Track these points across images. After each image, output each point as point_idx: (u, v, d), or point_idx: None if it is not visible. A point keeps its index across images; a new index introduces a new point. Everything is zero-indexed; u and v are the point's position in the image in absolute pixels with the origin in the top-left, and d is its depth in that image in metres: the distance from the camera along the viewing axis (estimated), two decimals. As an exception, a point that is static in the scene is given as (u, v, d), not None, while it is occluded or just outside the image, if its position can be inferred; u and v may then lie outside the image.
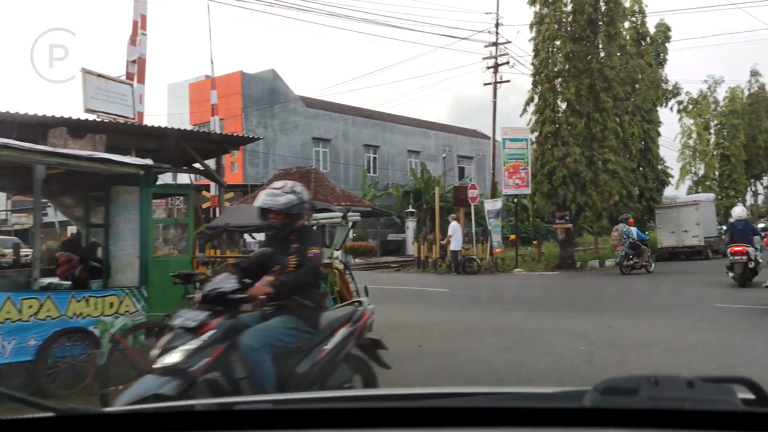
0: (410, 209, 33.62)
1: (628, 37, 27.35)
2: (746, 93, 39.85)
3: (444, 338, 8.68)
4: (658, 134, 27.90)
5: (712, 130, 34.92)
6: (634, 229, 19.16)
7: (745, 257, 12.78)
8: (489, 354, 7.56)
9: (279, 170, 32.17)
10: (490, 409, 1.19)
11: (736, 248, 12.97)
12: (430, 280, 18.49)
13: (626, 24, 26.84)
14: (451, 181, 38.48)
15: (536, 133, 22.01)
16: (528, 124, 22.36)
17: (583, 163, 21.07)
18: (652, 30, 28.87)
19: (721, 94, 35.46)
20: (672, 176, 28.46)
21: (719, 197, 33.77)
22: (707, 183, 34.10)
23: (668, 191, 30.34)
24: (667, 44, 29.22)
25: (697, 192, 32.03)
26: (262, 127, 34.40)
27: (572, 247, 22.80)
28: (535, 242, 27.01)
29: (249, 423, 1.22)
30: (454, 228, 20.31)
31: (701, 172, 33.63)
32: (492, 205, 21.48)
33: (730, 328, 8.99)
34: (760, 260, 13.10)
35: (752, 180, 41.00)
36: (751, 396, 1.10)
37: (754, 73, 40.26)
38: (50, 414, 1.18)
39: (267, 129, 34.55)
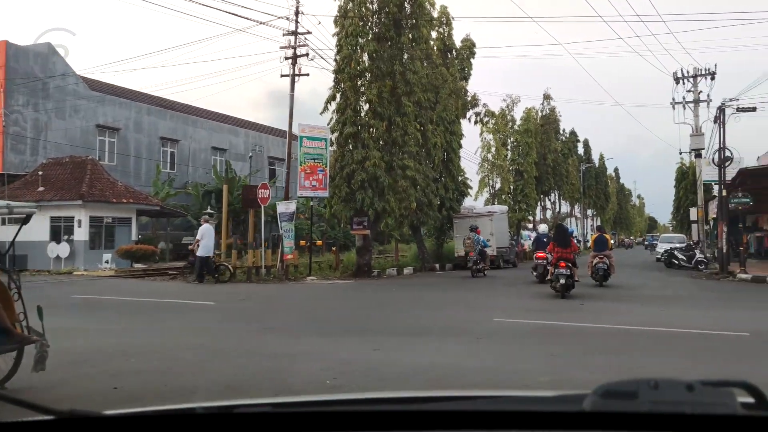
0: (209, 210, 30.80)
1: (435, 47, 27.58)
2: (539, 114, 43.11)
3: (163, 373, 6.62)
4: (460, 146, 28.45)
5: (509, 147, 36.89)
6: (482, 238, 22.08)
7: (544, 261, 17.04)
8: (206, 386, 5.71)
9: (49, 159, 27.61)
10: (489, 413, 1.20)
11: (539, 254, 18.10)
12: (198, 290, 16.16)
13: (434, 34, 27.04)
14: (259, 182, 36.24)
15: (336, 134, 20.83)
16: (329, 124, 21.11)
17: (383, 167, 20.31)
18: (458, 44, 29.55)
19: (519, 113, 37.75)
20: (471, 187, 29.21)
21: (513, 210, 35.73)
22: (503, 196, 35.90)
23: (468, 202, 31.19)
24: (472, 59, 30.12)
25: (493, 204, 33.44)
26: (32, 107, 29.37)
27: (369, 254, 21.95)
28: (334, 249, 25.88)
29: (249, 426, 1.23)
30: (204, 231, 18.22)
31: (498, 186, 35.25)
32: (285, 208, 19.77)
33: (510, 343, 8.18)
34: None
35: (542, 195, 44.39)
36: (750, 400, 1.09)
37: (546, 97, 43.75)
38: (50, 417, 1.18)
39: (38, 110, 29.57)
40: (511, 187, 35.92)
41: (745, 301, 14.72)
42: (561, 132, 47.69)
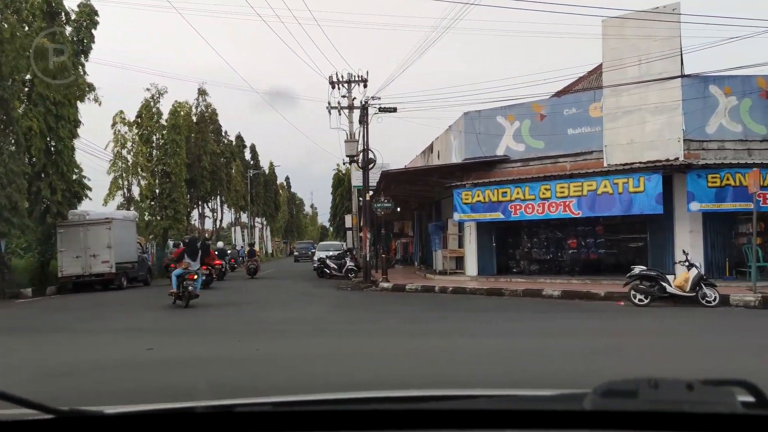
0: None
1: (36, 7, 21.09)
2: (195, 111, 38.70)
3: None
4: (74, 135, 22.34)
5: (154, 144, 31.58)
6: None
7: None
8: None
9: None
10: (490, 411, 1.20)
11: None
12: None
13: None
14: None
15: None
16: None
17: None
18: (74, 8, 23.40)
19: (167, 106, 32.69)
20: (90, 189, 23.22)
21: (158, 217, 30.57)
22: (146, 201, 30.49)
23: (94, 207, 25.00)
24: (93, 30, 24.20)
25: (129, 209, 27.85)
26: None
27: None
28: None
29: (249, 425, 1.24)
30: None
31: (137, 189, 29.73)
32: None
33: None
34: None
35: (199, 201, 40.02)
36: (750, 398, 1.09)
37: (202, 92, 39.56)
38: (50, 416, 1.18)
39: None
40: (157, 191, 30.70)
41: (378, 313, 12.64)
42: (223, 134, 43.99)
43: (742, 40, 16.11)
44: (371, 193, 20.56)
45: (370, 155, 19.59)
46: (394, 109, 19.65)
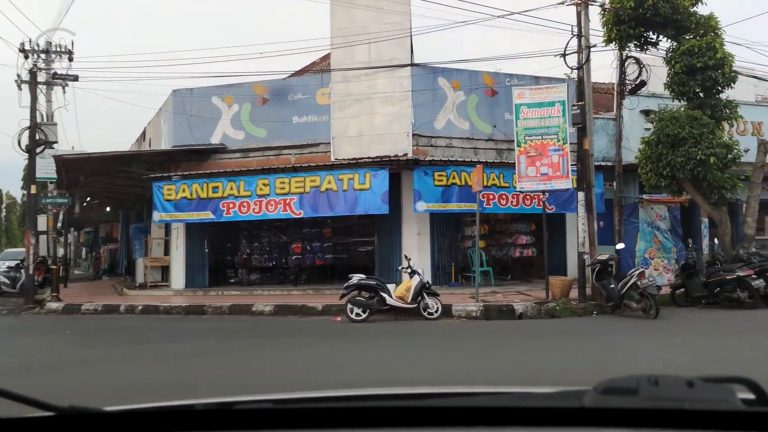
0: None
1: None
2: None
3: None
4: None
5: None
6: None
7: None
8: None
9: None
10: (490, 409, 1.19)
11: None
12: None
13: None
14: None
15: None
16: None
17: None
18: None
19: None
20: None
21: None
22: None
23: None
24: None
25: None
26: None
27: None
28: None
29: (249, 422, 1.22)
30: None
31: None
32: None
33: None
34: None
35: None
36: (751, 396, 1.10)
37: None
38: (50, 413, 1.17)
39: None
40: None
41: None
42: None
43: (474, 38, 15.30)
44: (51, 185, 15.81)
45: (43, 135, 14.90)
46: (76, 77, 15.28)
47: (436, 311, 11.31)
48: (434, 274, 14.80)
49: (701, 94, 13.47)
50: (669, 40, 13.89)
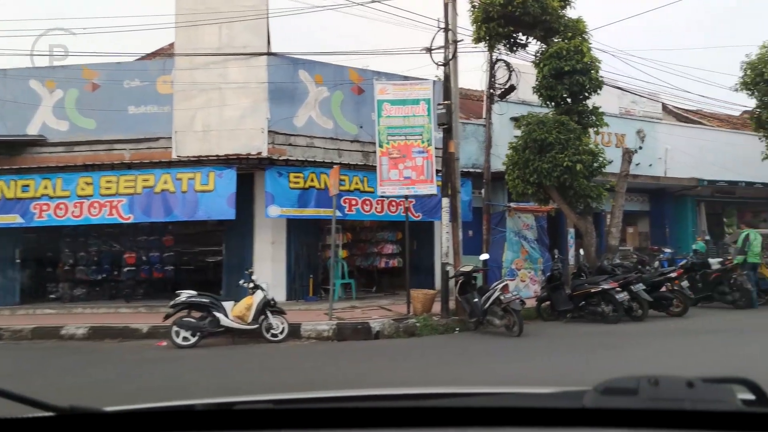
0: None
1: None
2: None
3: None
4: None
5: None
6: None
7: None
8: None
9: None
10: (490, 409, 1.18)
11: None
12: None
13: None
14: None
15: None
16: None
17: None
18: None
19: None
20: None
21: None
22: None
23: None
24: None
25: None
26: None
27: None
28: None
29: (249, 422, 1.21)
30: None
31: None
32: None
33: None
34: None
35: None
36: (750, 396, 1.10)
37: None
38: (51, 413, 1.17)
39: None
40: None
41: None
42: None
43: (340, 31, 13.98)
44: None
45: None
46: None
47: (282, 332, 9.77)
48: (290, 288, 13.27)
49: (569, 100, 13.05)
50: (538, 42, 13.38)
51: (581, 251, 13.42)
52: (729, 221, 21.14)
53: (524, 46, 13.58)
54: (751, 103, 17.23)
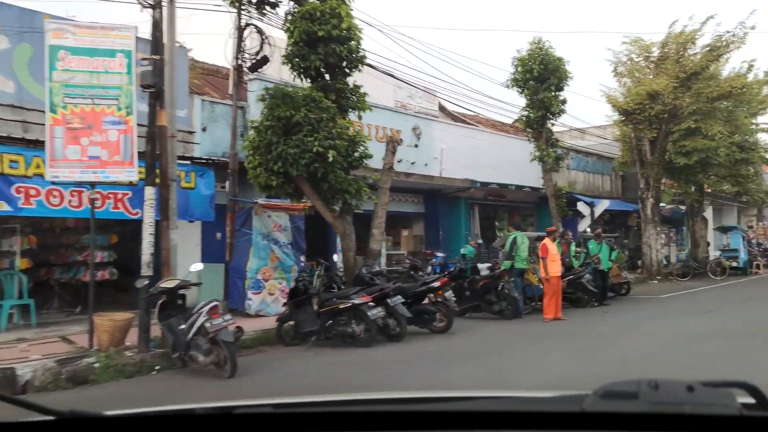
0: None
1: None
2: None
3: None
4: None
5: None
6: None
7: None
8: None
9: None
10: (490, 413, 1.17)
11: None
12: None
13: None
14: None
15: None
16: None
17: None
18: None
19: None
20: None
21: None
22: None
23: None
24: None
25: None
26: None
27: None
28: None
29: (249, 426, 1.20)
30: None
31: None
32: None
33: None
34: None
35: None
36: (751, 400, 1.08)
37: None
38: (51, 417, 1.16)
39: None
40: None
41: None
42: None
43: None
44: None
45: None
46: None
47: None
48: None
49: (327, 76, 10.82)
50: (291, 2, 10.97)
51: (335, 258, 11.25)
52: (501, 225, 20.90)
53: (275, 5, 11.09)
54: (521, 101, 16.75)
